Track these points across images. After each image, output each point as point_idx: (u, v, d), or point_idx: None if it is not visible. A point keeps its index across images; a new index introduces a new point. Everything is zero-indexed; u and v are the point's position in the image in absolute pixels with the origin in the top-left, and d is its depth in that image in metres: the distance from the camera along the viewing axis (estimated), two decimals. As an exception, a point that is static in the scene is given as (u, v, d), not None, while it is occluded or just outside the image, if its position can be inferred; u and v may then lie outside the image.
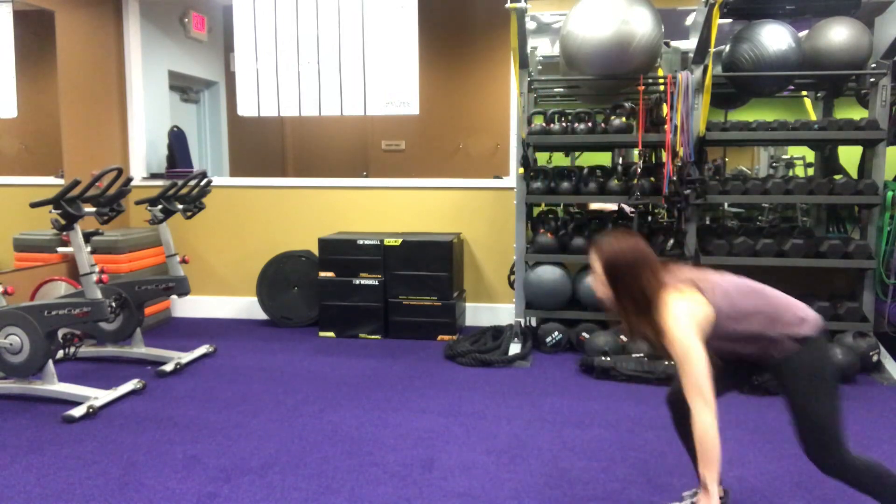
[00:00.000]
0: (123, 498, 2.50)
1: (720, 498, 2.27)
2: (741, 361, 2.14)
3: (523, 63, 4.31)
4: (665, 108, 4.17)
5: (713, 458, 1.87)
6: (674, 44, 4.50)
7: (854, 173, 4.44)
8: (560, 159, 5.42)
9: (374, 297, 4.76)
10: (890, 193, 4.04)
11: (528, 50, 4.38)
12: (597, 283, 2.09)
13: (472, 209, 5.11)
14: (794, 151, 6.30)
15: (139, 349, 4.17)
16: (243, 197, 5.36)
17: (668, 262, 2.11)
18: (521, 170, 4.35)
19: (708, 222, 5.21)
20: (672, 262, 2.12)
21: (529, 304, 4.48)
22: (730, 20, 4.53)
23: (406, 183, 5.25)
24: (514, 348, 4.26)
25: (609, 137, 4.32)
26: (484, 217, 5.09)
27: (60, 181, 4.66)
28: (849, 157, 4.64)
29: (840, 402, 2.03)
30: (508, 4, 3.90)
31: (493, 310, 5.11)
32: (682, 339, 1.92)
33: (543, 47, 5.09)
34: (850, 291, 4.33)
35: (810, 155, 5.59)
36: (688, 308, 1.97)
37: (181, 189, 4.23)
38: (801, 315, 2.07)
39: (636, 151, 4.75)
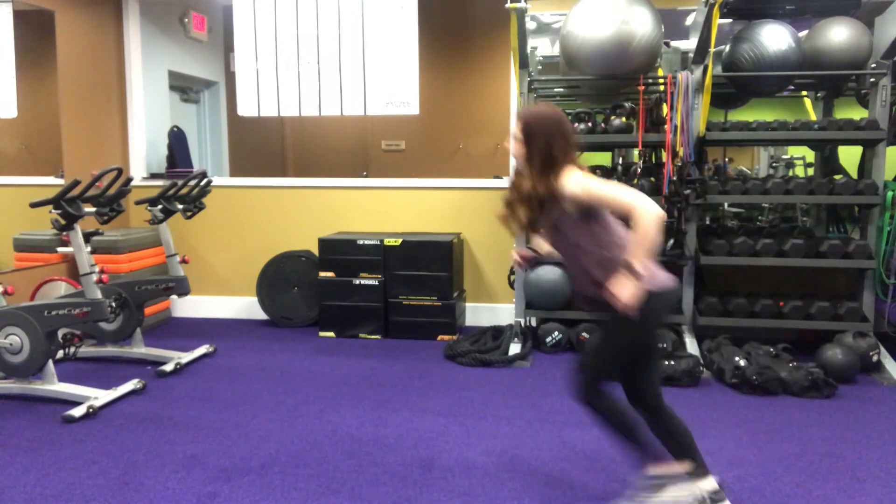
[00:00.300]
0: (123, 498, 2.50)
1: (716, 491, 2.27)
2: (582, 287, 2.28)
3: (523, 63, 4.31)
4: (665, 108, 4.17)
5: (649, 244, 2.00)
6: (674, 44, 4.50)
7: (854, 173, 4.44)
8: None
9: (374, 297, 4.76)
10: (890, 193, 4.04)
11: (528, 50, 4.38)
12: (515, 142, 2.26)
13: (472, 209, 5.11)
14: (794, 151, 6.31)
15: (139, 349, 4.17)
16: (243, 197, 5.36)
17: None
18: (521, 170, 4.34)
19: (708, 222, 5.21)
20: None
21: (529, 304, 4.48)
22: (730, 20, 4.53)
23: (406, 183, 5.25)
24: (514, 348, 4.26)
25: (609, 137, 4.32)
26: (484, 217, 5.09)
27: (60, 181, 4.66)
28: (849, 157, 4.64)
29: (629, 359, 2.25)
30: (508, 4, 3.90)
31: (493, 310, 5.11)
32: (591, 186, 2.10)
33: (543, 47, 5.09)
34: (850, 291, 4.34)
35: (810, 155, 5.59)
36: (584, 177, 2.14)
37: (181, 189, 4.23)
38: (654, 269, 2.15)
39: (636, 151, 4.75)
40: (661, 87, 4.35)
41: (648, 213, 1.99)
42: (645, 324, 2.17)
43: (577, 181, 2.12)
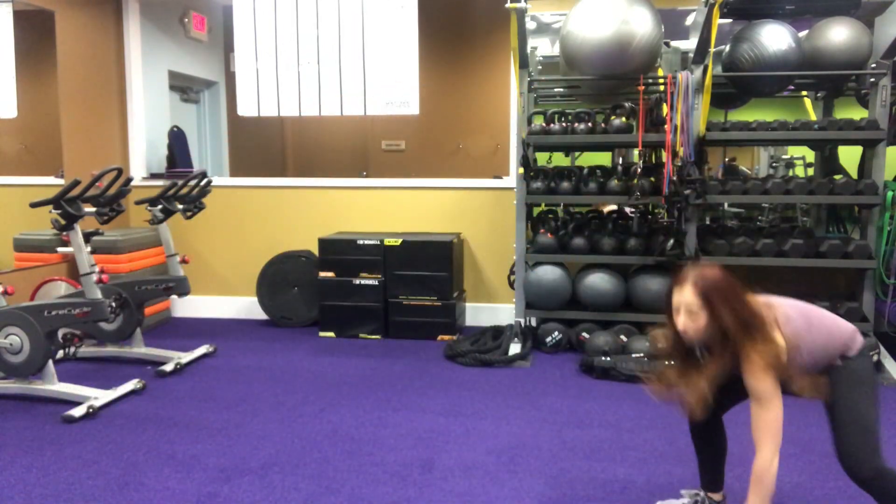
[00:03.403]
0: (123, 498, 2.50)
1: (719, 502, 2.29)
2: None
3: (523, 63, 4.31)
4: (665, 108, 4.17)
5: (768, 494, 2.01)
6: (674, 44, 4.50)
7: (854, 173, 4.44)
8: (560, 159, 5.41)
9: (374, 297, 4.76)
10: (890, 193, 4.04)
11: (528, 50, 4.38)
12: (686, 316, 2.02)
13: (472, 209, 5.11)
14: (794, 151, 6.30)
15: (139, 349, 4.17)
16: (243, 197, 5.36)
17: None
18: (521, 170, 4.35)
19: (708, 222, 5.21)
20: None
21: (529, 304, 4.47)
22: (730, 20, 4.53)
23: (406, 183, 5.25)
24: (514, 348, 4.26)
25: (609, 137, 4.32)
26: (484, 217, 5.09)
27: (60, 181, 4.66)
28: (849, 157, 4.64)
29: (879, 412, 2.06)
30: (508, 4, 3.90)
31: (493, 310, 5.11)
32: (771, 385, 2.03)
33: (543, 47, 5.09)
34: (850, 291, 4.33)
35: (810, 155, 5.59)
36: (777, 349, 1.98)
37: (181, 189, 4.23)
38: (851, 333, 2.07)
39: (636, 151, 4.75)
40: (661, 87, 4.35)
41: (769, 463, 2.00)
42: (863, 377, 2.09)
43: (760, 359, 2.00)
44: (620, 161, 5.20)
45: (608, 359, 3.87)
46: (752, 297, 2.03)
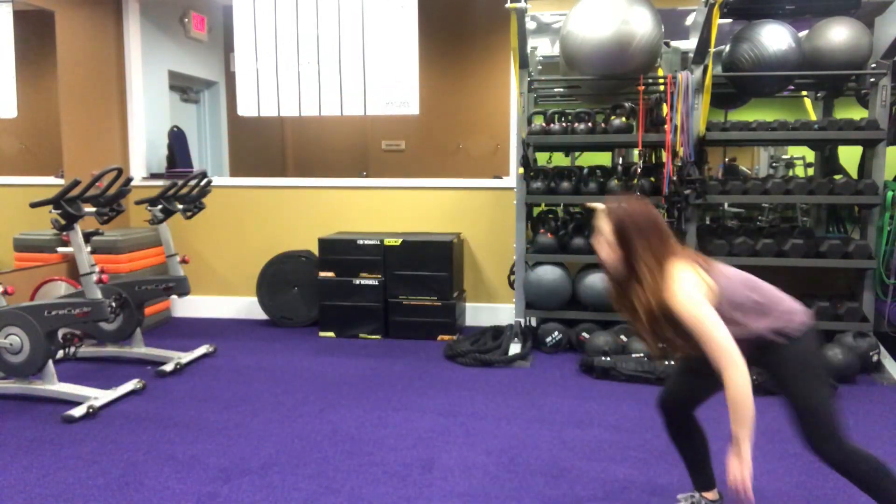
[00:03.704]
0: (123, 498, 2.50)
1: (715, 502, 2.29)
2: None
3: (523, 63, 4.31)
4: (665, 108, 4.17)
5: (748, 416, 1.85)
6: (674, 44, 4.50)
7: (854, 173, 4.44)
8: (560, 159, 5.42)
9: (374, 297, 4.76)
10: (890, 193, 4.04)
11: (528, 50, 4.38)
12: (602, 244, 2.05)
13: (472, 209, 5.11)
14: (794, 151, 6.30)
15: (139, 349, 4.17)
16: (243, 197, 5.36)
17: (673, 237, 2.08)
18: (521, 170, 4.35)
19: (708, 222, 5.21)
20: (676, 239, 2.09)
21: (529, 304, 4.47)
22: (730, 20, 4.53)
23: (406, 183, 5.25)
24: (514, 348, 4.26)
25: (609, 137, 4.32)
26: (484, 217, 5.09)
27: (60, 181, 4.66)
28: (849, 157, 4.64)
29: (829, 389, 2.06)
30: (508, 4, 3.90)
31: (493, 310, 5.11)
32: (697, 306, 1.91)
33: (543, 47, 5.09)
34: (850, 291, 4.33)
35: (810, 155, 5.59)
36: (695, 279, 1.96)
37: (181, 189, 4.23)
38: (791, 310, 2.07)
39: (636, 151, 4.75)
40: (661, 87, 4.35)
41: (734, 381, 1.84)
42: (810, 360, 2.03)
43: (682, 286, 1.93)
44: (620, 161, 5.20)
45: (608, 359, 3.87)
46: (669, 238, 2.03)
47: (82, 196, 3.34)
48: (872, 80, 4.09)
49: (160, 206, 4.16)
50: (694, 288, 1.94)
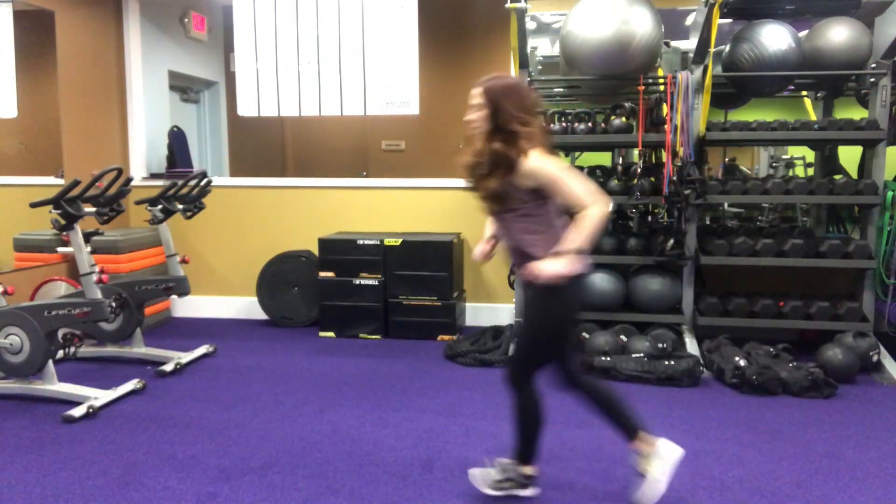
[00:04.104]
0: (123, 498, 2.50)
1: (528, 476, 2.45)
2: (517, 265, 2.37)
3: (523, 63, 4.31)
4: (665, 108, 4.17)
5: (586, 238, 2.13)
6: (674, 44, 4.50)
7: (854, 173, 4.44)
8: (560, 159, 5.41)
9: (374, 297, 4.76)
10: (890, 193, 4.04)
11: (528, 50, 4.38)
12: (474, 109, 2.25)
13: (472, 209, 5.05)
14: (794, 151, 6.31)
15: (139, 349, 4.17)
16: (243, 197, 5.36)
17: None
18: (521, 170, 4.34)
19: (708, 222, 5.21)
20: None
21: (529, 304, 4.47)
22: (730, 20, 4.53)
23: (406, 183, 5.25)
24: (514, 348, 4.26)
25: (609, 137, 4.32)
26: (484, 217, 5.08)
27: (60, 181, 4.65)
28: (849, 157, 4.64)
29: (553, 345, 2.35)
30: (508, 4, 3.90)
31: (493, 310, 5.11)
32: (558, 167, 2.19)
33: (543, 47, 5.10)
34: (850, 291, 4.33)
35: (810, 155, 5.59)
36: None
37: (181, 189, 4.23)
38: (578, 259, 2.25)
39: (636, 151, 4.75)
40: (661, 87, 4.35)
41: (600, 210, 2.12)
42: (565, 303, 2.29)
43: (538, 158, 2.18)
44: (620, 161, 5.20)
45: (608, 359, 3.87)
46: (534, 119, 2.25)
47: (82, 196, 3.34)
48: (872, 80, 4.09)
49: (160, 206, 4.16)
50: (545, 159, 2.19)
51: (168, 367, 3.94)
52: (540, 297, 2.27)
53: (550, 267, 2.14)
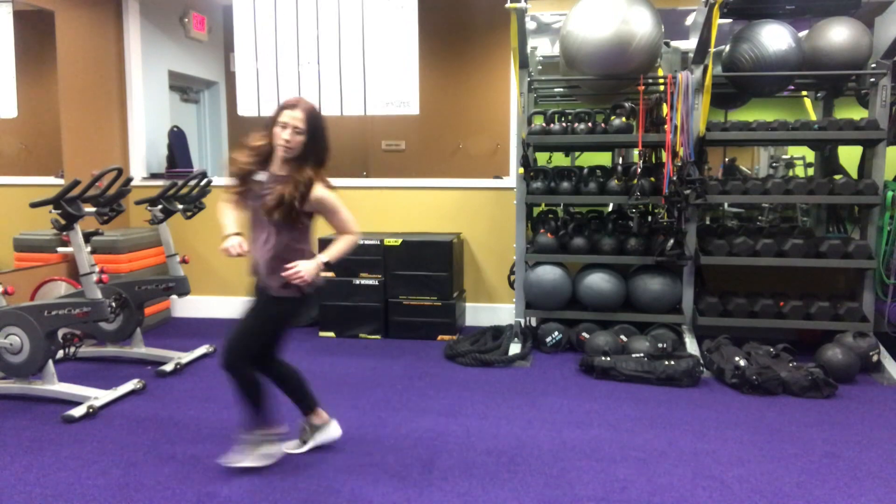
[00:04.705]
0: (123, 498, 2.50)
1: (321, 424, 2.87)
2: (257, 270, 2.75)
3: (523, 63, 4.31)
4: (665, 108, 4.17)
5: (342, 253, 2.69)
6: (674, 44, 4.50)
7: (854, 173, 4.44)
8: (560, 159, 5.41)
9: (374, 297, 4.76)
10: (890, 193, 4.04)
11: (528, 50, 4.38)
12: (293, 130, 2.54)
13: (472, 209, 5.11)
14: (794, 151, 6.29)
15: (139, 349, 4.17)
16: (243, 197, 5.34)
17: None
18: (521, 170, 4.35)
19: (708, 222, 5.21)
20: None
21: (529, 304, 4.48)
22: (730, 20, 4.53)
23: (406, 183, 5.25)
24: (514, 348, 4.26)
25: (609, 137, 4.32)
26: (484, 217, 5.09)
27: (60, 181, 4.66)
28: (849, 157, 4.64)
29: (272, 340, 2.76)
30: (508, 4, 3.90)
31: (493, 310, 5.11)
32: (335, 198, 2.66)
33: (543, 47, 5.09)
34: (850, 291, 4.34)
35: (810, 155, 5.59)
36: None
37: (181, 189, 4.23)
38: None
39: (636, 151, 4.75)
40: (661, 87, 4.35)
41: (357, 238, 2.76)
42: (300, 305, 2.71)
43: (324, 188, 2.59)
44: (620, 161, 5.19)
45: (608, 359, 3.87)
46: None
47: (82, 196, 3.34)
48: (872, 80, 4.09)
49: (160, 206, 4.16)
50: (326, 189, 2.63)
51: (168, 367, 3.94)
52: (275, 302, 2.67)
53: (307, 266, 2.58)
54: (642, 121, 4.19)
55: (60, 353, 3.56)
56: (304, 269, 2.57)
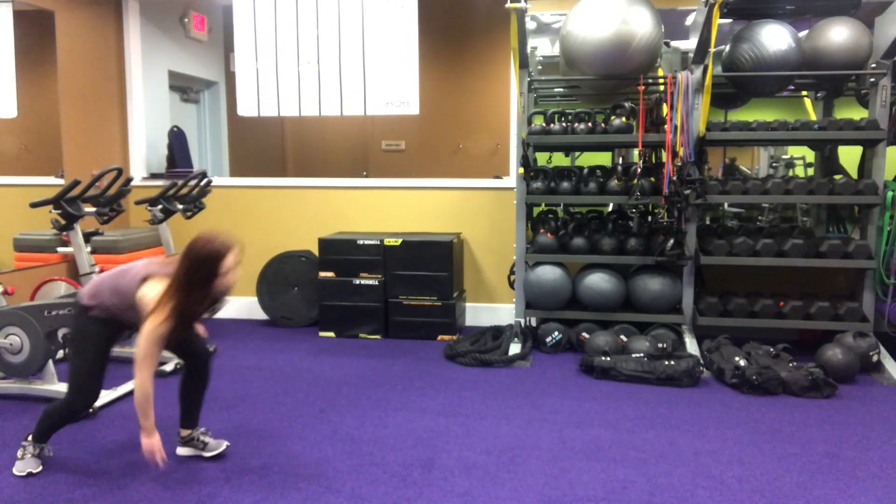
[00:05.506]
0: (123, 498, 2.50)
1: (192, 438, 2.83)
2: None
3: (523, 63, 4.31)
4: (665, 108, 4.17)
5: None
6: (674, 44, 4.50)
7: (854, 173, 4.44)
8: (560, 159, 5.42)
9: (374, 297, 4.76)
10: (890, 193, 4.04)
11: (528, 50, 4.38)
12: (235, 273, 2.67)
13: (472, 209, 5.11)
14: (794, 151, 6.30)
15: (139, 349, 4.16)
16: (243, 197, 5.36)
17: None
18: (521, 170, 4.35)
19: (708, 222, 5.21)
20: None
21: (529, 304, 4.48)
22: (730, 20, 4.53)
23: (406, 183, 5.25)
24: (514, 348, 4.26)
25: (609, 137, 4.32)
26: (484, 217, 5.09)
27: (60, 181, 4.66)
28: (849, 157, 4.64)
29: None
30: (508, 4, 3.90)
31: (493, 310, 5.11)
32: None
33: (543, 47, 5.09)
34: (850, 291, 4.34)
35: (810, 155, 5.59)
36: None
37: (181, 189, 4.24)
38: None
39: (636, 151, 4.75)
40: (661, 87, 4.35)
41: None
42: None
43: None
44: (620, 161, 5.19)
45: (608, 359, 3.87)
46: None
47: (82, 196, 3.35)
48: (872, 80, 4.09)
49: (160, 206, 4.16)
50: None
51: (168, 368, 3.93)
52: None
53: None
54: (642, 121, 4.19)
55: (60, 353, 3.56)
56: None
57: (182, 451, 2.84)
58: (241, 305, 5.36)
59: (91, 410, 3.26)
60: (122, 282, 2.59)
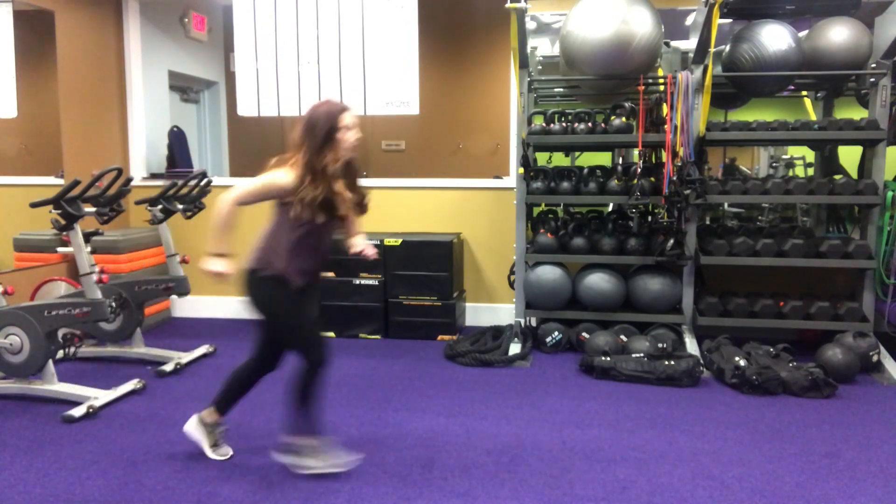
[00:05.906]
0: (123, 498, 2.50)
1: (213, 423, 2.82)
2: None
3: (523, 63, 4.31)
4: (665, 108, 4.17)
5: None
6: (674, 44, 4.50)
7: (854, 173, 4.44)
8: (560, 159, 5.42)
9: (374, 297, 4.76)
10: (890, 193, 4.04)
11: (528, 50, 4.38)
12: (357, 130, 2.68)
13: (472, 209, 5.11)
14: (794, 151, 6.30)
15: (139, 349, 4.17)
16: (243, 197, 5.34)
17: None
18: (521, 170, 4.35)
19: (708, 222, 5.21)
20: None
21: (529, 304, 4.48)
22: (730, 20, 4.53)
23: (406, 183, 5.25)
24: (514, 348, 4.26)
25: (609, 137, 4.32)
26: (484, 217, 5.09)
27: (60, 181, 4.66)
28: (849, 157, 4.64)
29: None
30: (508, 4, 3.90)
31: (493, 310, 5.11)
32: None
33: (543, 47, 5.09)
34: (850, 291, 4.34)
35: (810, 155, 5.59)
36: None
37: (181, 189, 4.23)
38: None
39: (636, 151, 4.75)
40: (661, 87, 4.35)
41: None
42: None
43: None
44: (620, 161, 5.19)
45: (608, 359, 3.87)
46: None
47: (82, 196, 3.34)
48: (872, 80, 4.09)
49: (160, 206, 4.16)
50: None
51: (168, 367, 3.94)
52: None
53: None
54: (642, 121, 4.19)
55: (60, 353, 3.56)
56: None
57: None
58: (241, 305, 5.35)
59: (91, 410, 3.26)
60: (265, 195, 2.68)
